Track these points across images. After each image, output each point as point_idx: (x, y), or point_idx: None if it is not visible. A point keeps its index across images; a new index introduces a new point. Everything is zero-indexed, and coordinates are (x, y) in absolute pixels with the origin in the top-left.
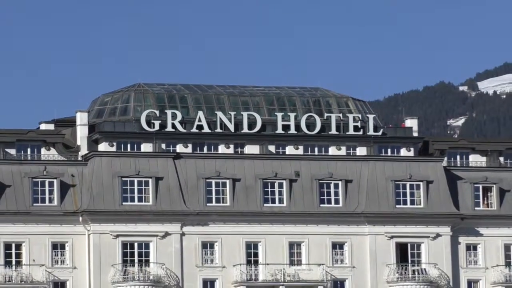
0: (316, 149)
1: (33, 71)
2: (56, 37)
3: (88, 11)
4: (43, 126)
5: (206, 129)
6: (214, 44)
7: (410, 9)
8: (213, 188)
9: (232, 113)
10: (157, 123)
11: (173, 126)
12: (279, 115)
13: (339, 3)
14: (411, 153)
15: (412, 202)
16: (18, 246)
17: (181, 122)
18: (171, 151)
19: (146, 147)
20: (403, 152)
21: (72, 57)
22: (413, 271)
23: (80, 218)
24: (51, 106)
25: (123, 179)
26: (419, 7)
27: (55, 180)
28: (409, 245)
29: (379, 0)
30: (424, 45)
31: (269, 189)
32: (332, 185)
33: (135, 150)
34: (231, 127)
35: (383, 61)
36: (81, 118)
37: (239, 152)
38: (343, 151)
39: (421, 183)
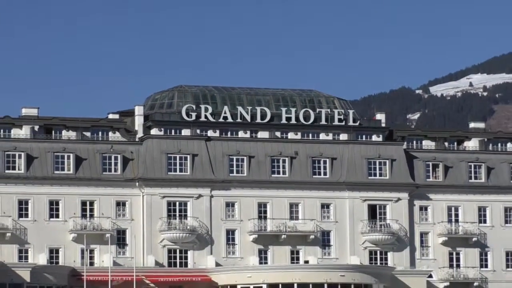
0: (310, 135)
1: (103, 73)
2: (120, 48)
3: (143, 25)
4: (110, 116)
5: (229, 119)
6: (237, 57)
7: (379, 32)
8: (234, 163)
9: (249, 108)
10: (194, 115)
11: (206, 117)
12: (284, 109)
13: (328, 21)
14: (380, 139)
15: (380, 175)
16: (92, 203)
17: (211, 114)
18: (204, 135)
19: (186, 132)
20: (374, 137)
21: (134, 64)
22: (380, 225)
23: (137, 183)
24: (117, 100)
25: (168, 155)
26: (384, 31)
27: (119, 155)
28: (377, 206)
29: (363, 19)
30: (389, 59)
31: (275, 164)
32: (321, 161)
33: (178, 134)
34: (248, 118)
35: (360, 70)
36: (138, 110)
37: (254, 137)
38: (330, 137)
39: (387, 161)
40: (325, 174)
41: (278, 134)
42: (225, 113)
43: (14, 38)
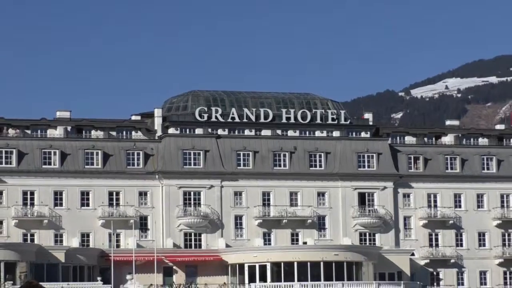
0: (307, 132)
1: (127, 80)
2: (141, 59)
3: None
4: (133, 117)
5: (237, 119)
6: (243, 65)
7: (369, 38)
8: (241, 157)
9: (254, 109)
10: (205, 116)
11: (216, 117)
12: (284, 110)
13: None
14: (368, 135)
15: (368, 166)
16: (118, 193)
17: (221, 115)
18: (214, 133)
19: (199, 131)
20: (363, 134)
21: (153, 72)
22: (369, 210)
23: (157, 176)
24: (138, 103)
25: (184, 151)
26: (373, 37)
27: (140, 152)
28: (366, 193)
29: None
30: (375, 66)
31: (277, 158)
32: (317, 155)
33: (192, 133)
34: (253, 118)
35: (351, 76)
36: (157, 112)
37: (258, 134)
38: (324, 134)
39: (374, 154)
40: (320, 166)
41: (279, 132)
42: (233, 114)
43: (48, 50)
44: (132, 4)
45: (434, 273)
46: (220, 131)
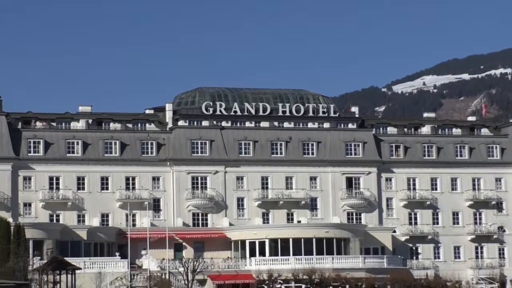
0: (301, 124)
1: (141, 79)
2: (153, 60)
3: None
4: (147, 111)
5: (239, 113)
6: (243, 65)
7: (357, 38)
8: (243, 146)
9: (254, 104)
10: (211, 109)
11: (220, 111)
12: (280, 104)
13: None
14: (354, 126)
15: (355, 154)
16: (133, 178)
17: (225, 109)
18: (219, 125)
19: (205, 123)
20: (350, 125)
21: (165, 71)
22: (355, 192)
23: (168, 163)
24: (152, 99)
25: (192, 141)
26: (360, 37)
27: (154, 141)
28: (353, 178)
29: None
30: (361, 65)
31: (274, 146)
32: (310, 144)
33: (199, 125)
34: (253, 111)
35: (339, 74)
36: (168, 106)
37: (257, 126)
38: (316, 125)
39: (360, 143)
40: (312, 154)
41: (276, 123)
42: (235, 108)
43: (71, 51)
44: (145, 9)
45: (413, 248)
46: (224, 123)
